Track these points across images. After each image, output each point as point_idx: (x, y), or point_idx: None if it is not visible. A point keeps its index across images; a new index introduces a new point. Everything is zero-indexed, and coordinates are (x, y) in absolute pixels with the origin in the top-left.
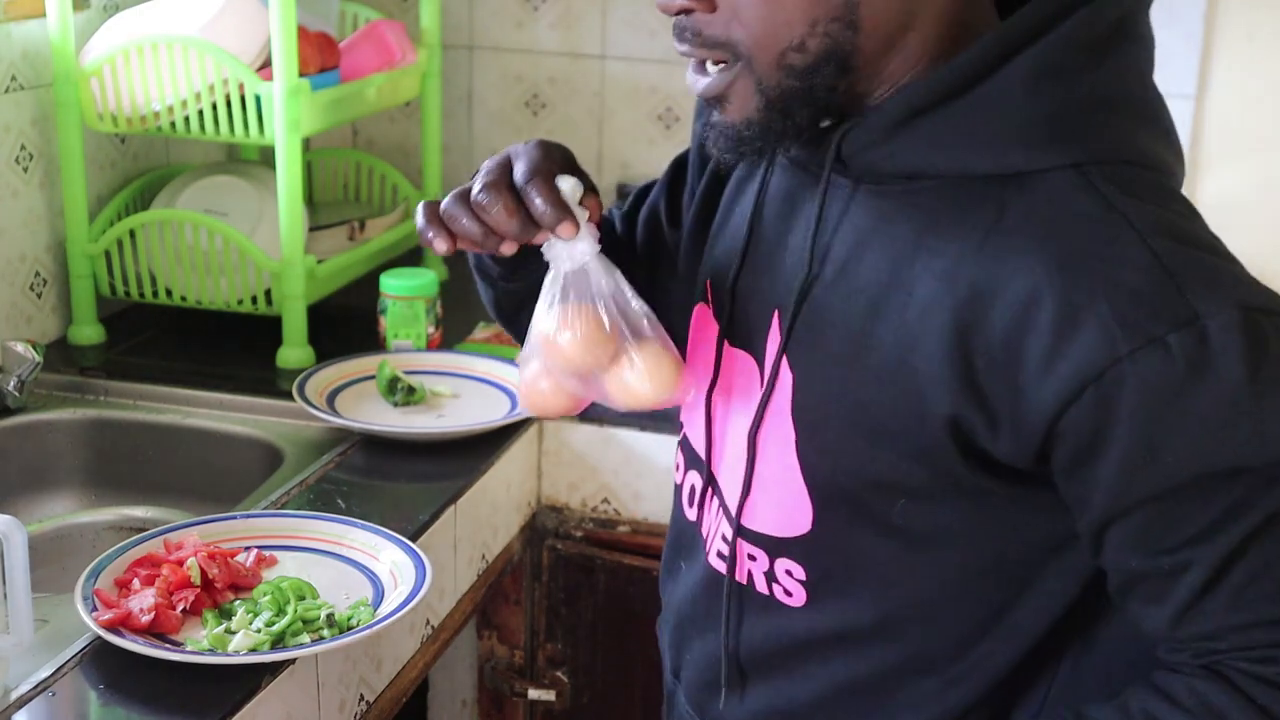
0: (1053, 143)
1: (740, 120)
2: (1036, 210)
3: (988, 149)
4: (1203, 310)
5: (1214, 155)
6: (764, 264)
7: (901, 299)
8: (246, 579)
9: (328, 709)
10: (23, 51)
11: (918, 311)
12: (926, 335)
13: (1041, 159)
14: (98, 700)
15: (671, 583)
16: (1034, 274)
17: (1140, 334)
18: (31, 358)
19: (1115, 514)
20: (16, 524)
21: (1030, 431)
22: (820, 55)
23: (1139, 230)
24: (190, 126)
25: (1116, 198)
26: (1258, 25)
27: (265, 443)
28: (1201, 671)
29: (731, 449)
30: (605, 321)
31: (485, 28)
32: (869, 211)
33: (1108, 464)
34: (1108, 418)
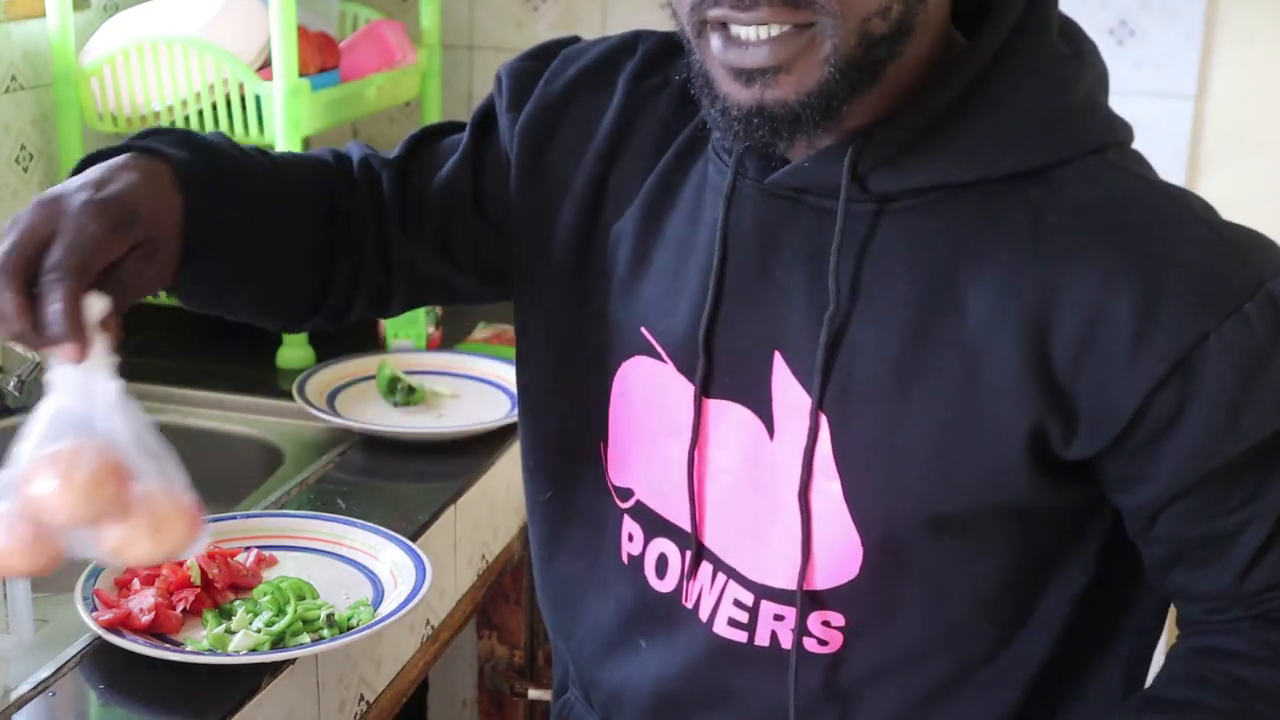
0: (1071, 131)
1: (797, 95)
2: (1080, 202)
3: (1013, 148)
4: (1265, 274)
5: (1214, 155)
6: (746, 305)
7: (951, 319)
8: (246, 579)
9: (328, 709)
10: (23, 51)
11: (978, 327)
12: (995, 349)
13: (1065, 149)
14: (98, 700)
15: (624, 663)
16: (1102, 267)
17: (1221, 309)
18: (31, 358)
19: (1185, 485)
20: None
21: (1112, 422)
22: (896, 26)
23: (1185, 205)
24: (190, 126)
25: (1147, 176)
26: (1258, 26)
27: (265, 443)
28: (1259, 622)
29: (726, 509)
30: (106, 472)
31: (485, 28)
32: (891, 232)
33: (1186, 437)
34: (1194, 394)
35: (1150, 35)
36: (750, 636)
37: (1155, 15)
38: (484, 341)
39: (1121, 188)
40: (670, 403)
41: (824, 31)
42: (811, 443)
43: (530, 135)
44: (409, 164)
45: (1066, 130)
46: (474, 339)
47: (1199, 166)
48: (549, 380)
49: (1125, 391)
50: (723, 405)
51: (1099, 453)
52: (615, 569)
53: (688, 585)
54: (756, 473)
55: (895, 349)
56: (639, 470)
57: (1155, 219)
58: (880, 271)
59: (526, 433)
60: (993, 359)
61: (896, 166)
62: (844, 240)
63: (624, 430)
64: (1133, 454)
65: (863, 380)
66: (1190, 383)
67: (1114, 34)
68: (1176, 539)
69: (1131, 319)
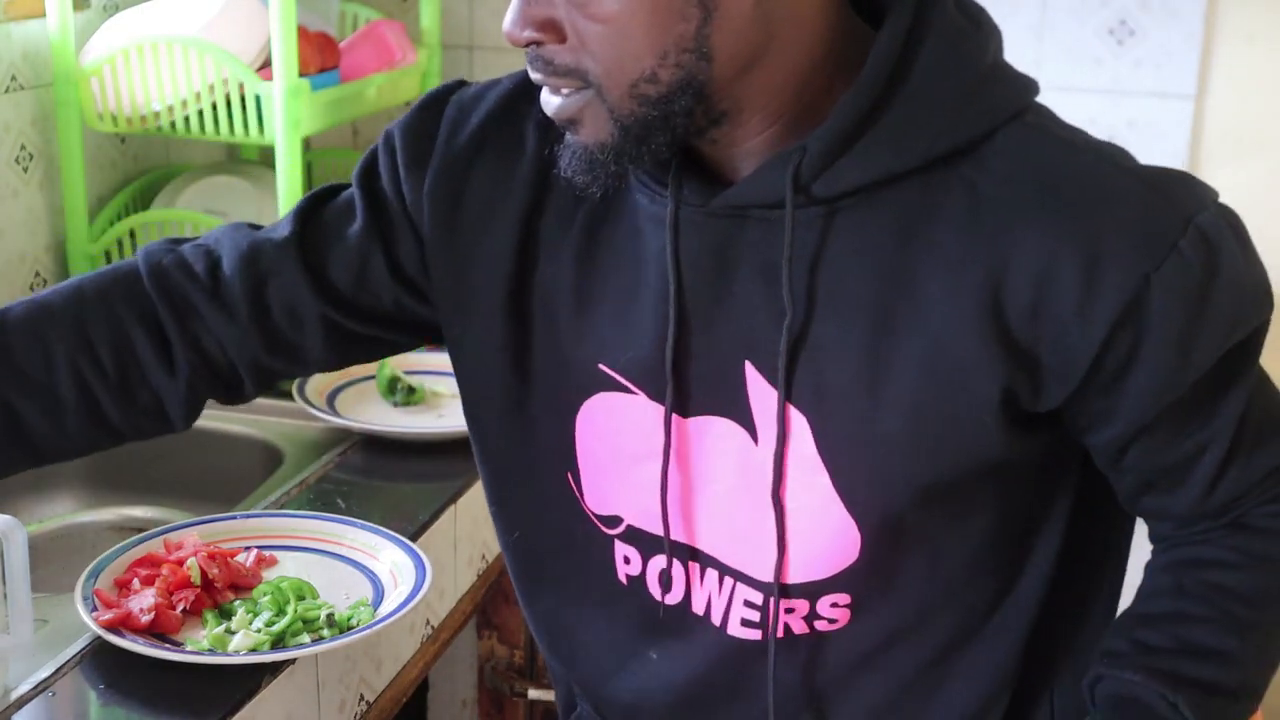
0: (990, 101)
1: (594, 143)
2: (1009, 172)
3: (940, 130)
4: (1189, 211)
5: (1214, 155)
6: (709, 323)
7: (910, 305)
8: (246, 579)
9: (328, 709)
10: (23, 51)
11: (937, 308)
12: (956, 327)
13: (987, 120)
14: (98, 700)
15: (635, 676)
16: (1041, 233)
17: (1157, 251)
18: None
19: (1147, 419)
20: (16, 524)
21: (1074, 373)
22: (674, 85)
23: (1107, 160)
24: (190, 126)
25: (1065, 136)
26: (1258, 26)
27: (265, 443)
28: (1229, 529)
29: (723, 517)
30: None
31: (485, 28)
32: (840, 233)
33: (1142, 376)
34: (1144, 335)
35: (1150, 35)
36: (764, 633)
37: (1155, 15)
38: None
39: (1047, 153)
40: (647, 430)
41: (600, 94)
42: (781, 445)
43: (441, 195)
44: (305, 241)
45: (985, 101)
46: None
47: (1199, 166)
48: (502, 429)
49: (1081, 343)
50: (703, 421)
51: (1065, 400)
52: (612, 591)
53: (693, 594)
54: (747, 479)
55: (861, 342)
56: (624, 497)
57: (1083, 179)
58: (835, 271)
59: (486, 478)
60: (955, 336)
61: (835, 170)
62: (794, 251)
63: (598, 463)
64: (1096, 397)
65: (833, 376)
66: (1140, 325)
67: (1114, 34)
68: (1144, 468)
69: (1077, 276)
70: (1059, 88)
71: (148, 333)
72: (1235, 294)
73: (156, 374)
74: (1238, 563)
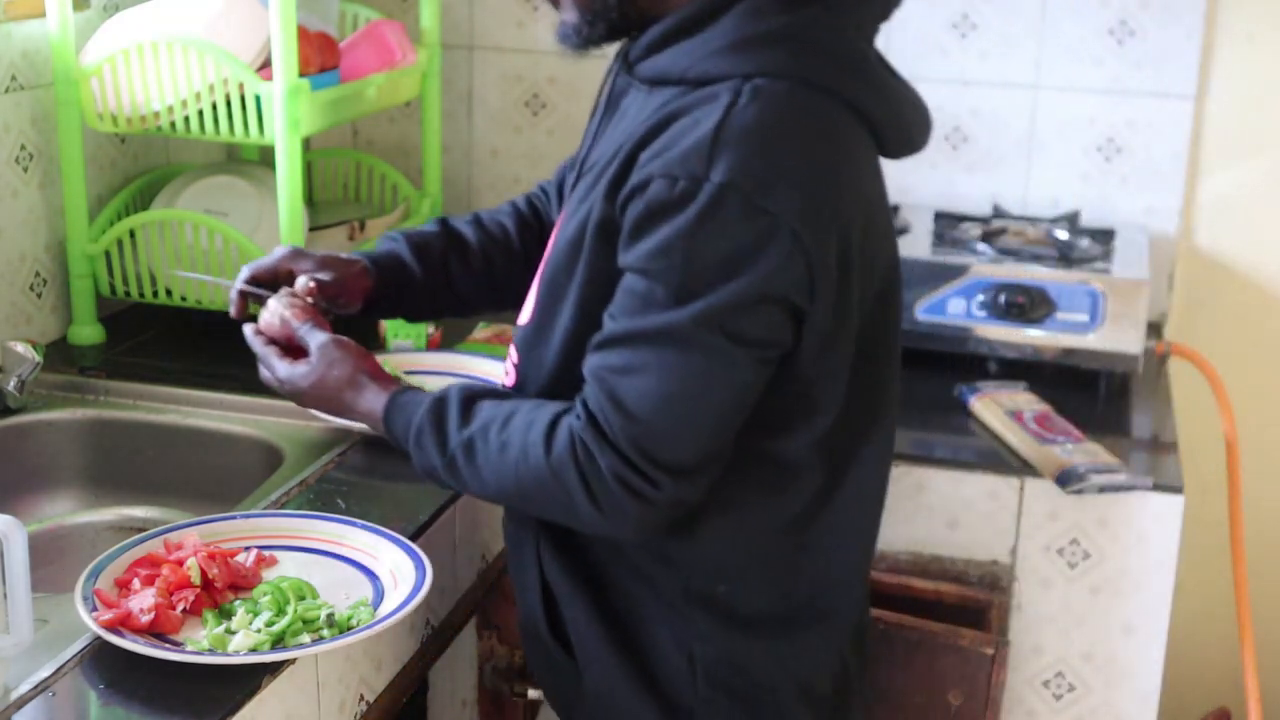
0: (737, 58)
1: (571, 21)
2: (690, 102)
3: (704, 62)
4: (710, 176)
5: (1214, 155)
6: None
7: (615, 168)
8: (246, 579)
9: (328, 709)
10: (23, 51)
11: (610, 164)
12: (607, 172)
13: (727, 69)
14: (98, 700)
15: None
16: (655, 151)
17: (667, 170)
18: (31, 358)
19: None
20: (16, 524)
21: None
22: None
23: (725, 123)
24: (190, 126)
25: (741, 97)
26: (1258, 26)
27: (265, 443)
28: (555, 410)
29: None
30: None
31: (485, 28)
32: (633, 101)
33: (624, 249)
34: (628, 220)
35: (1150, 35)
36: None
37: (1155, 15)
38: (484, 341)
39: (715, 101)
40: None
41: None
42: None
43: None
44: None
45: (736, 57)
46: (474, 339)
47: (1199, 166)
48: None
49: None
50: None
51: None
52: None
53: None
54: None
55: (597, 183)
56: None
57: (697, 120)
58: (612, 130)
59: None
60: (603, 178)
61: (644, 61)
62: (610, 106)
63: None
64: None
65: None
66: (636, 211)
67: (1114, 34)
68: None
69: (643, 177)
70: (1059, 88)
71: None
72: (675, 240)
73: None
74: (527, 424)
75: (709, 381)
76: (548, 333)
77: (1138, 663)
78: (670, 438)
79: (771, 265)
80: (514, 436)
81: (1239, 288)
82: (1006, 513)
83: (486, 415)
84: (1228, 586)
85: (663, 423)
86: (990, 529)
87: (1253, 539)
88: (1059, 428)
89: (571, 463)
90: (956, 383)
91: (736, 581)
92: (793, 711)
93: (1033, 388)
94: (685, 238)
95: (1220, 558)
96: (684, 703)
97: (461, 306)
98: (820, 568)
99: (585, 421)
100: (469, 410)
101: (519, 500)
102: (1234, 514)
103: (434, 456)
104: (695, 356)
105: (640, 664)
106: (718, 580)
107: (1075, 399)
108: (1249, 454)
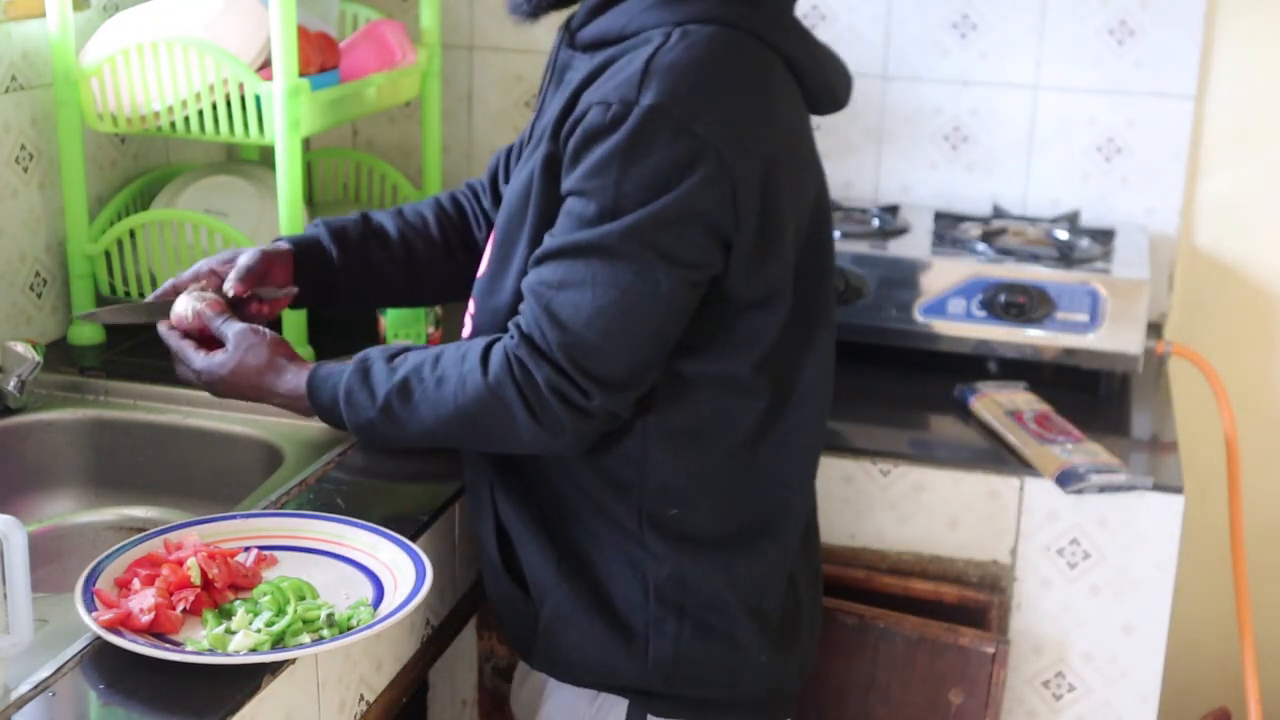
0: (668, 10)
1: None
2: (625, 48)
3: (639, 18)
4: (640, 100)
5: (1214, 155)
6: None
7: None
8: (246, 579)
9: (328, 709)
10: (23, 51)
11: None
12: (555, 117)
13: (659, 20)
14: (98, 700)
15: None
16: (597, 88)
17: (603, 98)
18: (31, 358)
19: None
20: (16, 524)
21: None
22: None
23: (656, 56)
24: (190, 126)
25: (672, 37)
26: (1258, 25)
27: (265, 443)
28: (486, 339)
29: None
30: None
31: (485, 28)
32: (575, 69)
33: (565, 183)
34: (572, 143)
35: (1150, 35)
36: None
37: (1155, 15)
38: None
39: (649, 44)
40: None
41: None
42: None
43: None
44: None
45: (665, 10)
46: None
47: (1199, 166)
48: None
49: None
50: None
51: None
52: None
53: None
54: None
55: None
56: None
57: (631, 59)
58: (557, 98)
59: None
60: (552, 125)
61: (585, 27)
62: (553, 73)
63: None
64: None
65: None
66: (575, 136)
67: (1114, 34)
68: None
69: (582, 109)
70: (1059, 88)
71: None
72: (605, 161)
73: None
74: (459, 359)
75: (639, 297)
76: (503, 278)
77: (1138, 663)
78: (601, 351)
79: (696, 184)
80: (449, 369)
81: (1239, 288)
82: (1006, 513)
83: (415, 359)
84: (1228, 586)
85: (594, 336)
86: (990, 529)
87: (1253, 539)
88: (1059, 428)
89: (509, 379)
90: (956, 383)
91: (688, 504)
92: (741, 629)
93: (1033, 388)
94: (617, 157)
95: (1220, 558)
96: (637, 625)
97: (386, 292)
98: (769, 486)
99: (519, 340)
100: (394, 360)
101: (460, 430)
102: (1234, 514)
103: (367, 409)
104: (625, 271)
105: (594, 591)
106: (670, 504)
107: (1075, 399)
108: (1249, 454)
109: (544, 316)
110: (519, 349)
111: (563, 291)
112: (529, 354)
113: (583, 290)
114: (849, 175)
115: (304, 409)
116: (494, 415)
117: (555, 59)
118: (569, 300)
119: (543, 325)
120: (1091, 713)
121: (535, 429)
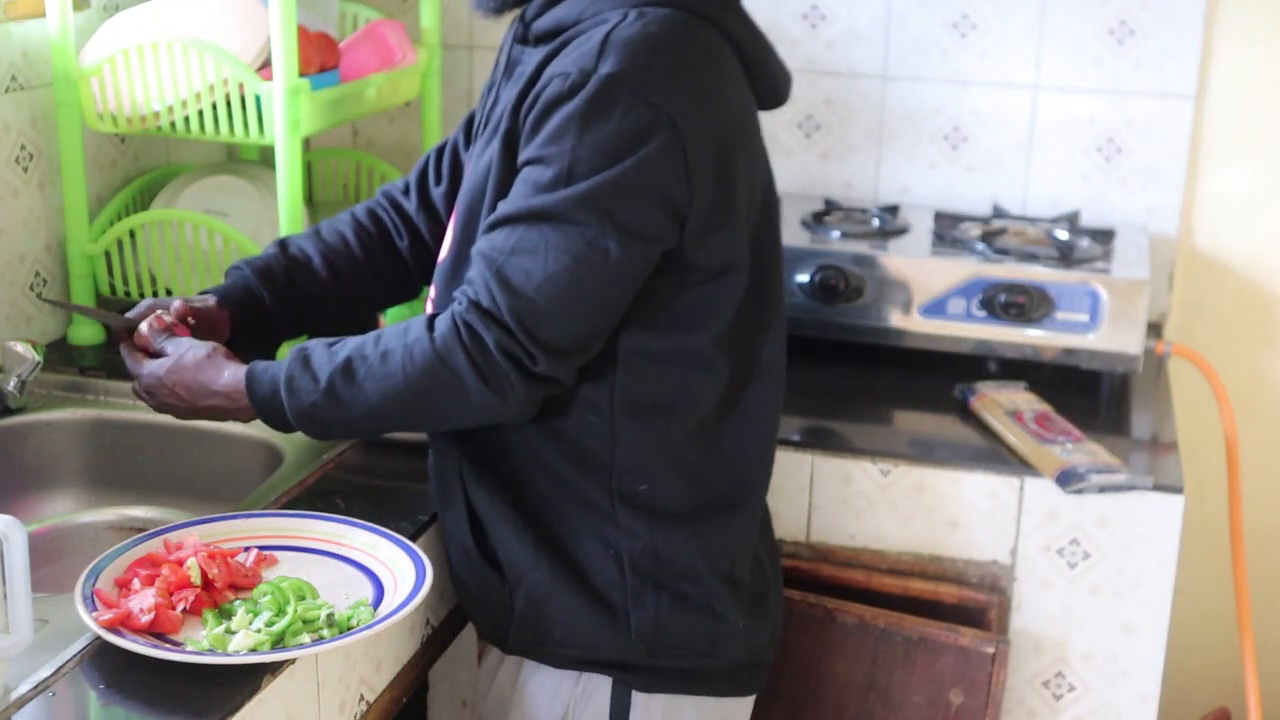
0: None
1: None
2: (583, 29)
3: (594, 5)
4: (599, 69)
5: (1214, 155)
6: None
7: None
8: (246, 579)
9: (328, 709)
10: (23, 51)
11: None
12: (513, 101)
13: (615, 4)
14: (98, 700)
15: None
16: (559, 63)
17: (563, 69)
18: (31, 358)
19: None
20: (16, 524)
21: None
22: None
23: (612, 33)
24: (190, 126)
25: (628, 18)
26: (1258, 26)
27: (265, 443)
28: (427, 313)
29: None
30: None
31: (485, 28)
32: (528, 62)
33: (523, 153)
34: (531, 122)
35: (1150, 35)
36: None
37: (1155, 15)
38: None
39: (606, 26)
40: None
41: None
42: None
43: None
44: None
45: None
46: None
47: (1199, 166)
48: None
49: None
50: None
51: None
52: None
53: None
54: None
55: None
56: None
57: (589, 37)
58: (510, 88)
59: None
60: (511, 106)
61: (540, 17)
62: (508, 68)
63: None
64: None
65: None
66: (534, 108)
67: (1114, 34)
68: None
69: (542, 83)
70: (1059, 88)
71: None
72: (564, 126)
73: None
74: (402, 330)
75: (590, 266)
76: (466, 261)
77: (1138, 663)
78: (550, 317)
79: (651, 153)
80: (392, 344)
81: (1239, 288)
82: (1006, 513)
83: (354, 341)
84: (1228, 586)
85: (544, 302)
86: (990, 529)
87: (1253, 539)
88: (1059, 428)
89: (458, 345)
90: (956, 383)
91: (656, 479)
92: (717, 597)
93: (1033, 388)
94: (575, 122)
95: (1220, 558)
96: (616, 600)
97: (320, 319)
98: (732, 461)
99: (467, 305)
100: (334, 345)
101: (407, 404)
102: (1234, 514)
103: (309, 393)
104: (577, 239)
105: (570, 569)
106: (639, 479)
107: (1075, 399)
108: (1249, 454)
109: (495, 281)
110: (468, 314)
111: (515, 257)
112: (479, 318)
113: (535, 257)
114: (849, 175)
115: (244, 407)
116: (442, 383)
117: (508, 54)
118: (520, 266)
119: (493, 289)
120: (1091, 713)
121: (485, 392)
